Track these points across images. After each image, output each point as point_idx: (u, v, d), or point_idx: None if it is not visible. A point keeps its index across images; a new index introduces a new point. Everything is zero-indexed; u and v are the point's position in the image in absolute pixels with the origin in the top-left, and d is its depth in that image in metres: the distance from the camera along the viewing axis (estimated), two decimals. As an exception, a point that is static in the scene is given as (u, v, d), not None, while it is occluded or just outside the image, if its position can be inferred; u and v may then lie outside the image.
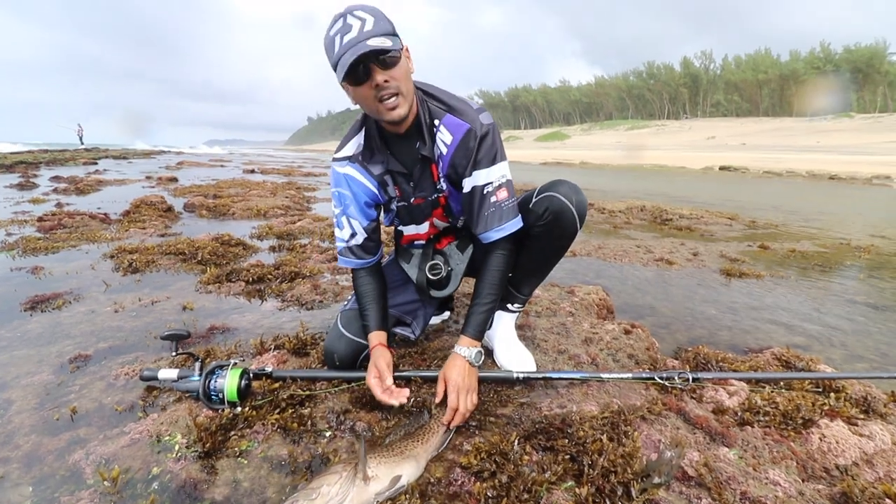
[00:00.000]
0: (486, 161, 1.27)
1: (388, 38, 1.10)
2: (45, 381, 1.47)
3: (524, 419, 1.27)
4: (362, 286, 1.45)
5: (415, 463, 1.04)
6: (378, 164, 1.36)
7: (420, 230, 1.51)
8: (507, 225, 1.31)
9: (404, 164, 1.35)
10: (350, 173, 1.37)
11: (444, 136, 1.28)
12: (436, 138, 1.29)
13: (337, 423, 1.23)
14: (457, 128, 1.26)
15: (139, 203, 4.90)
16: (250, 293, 2.30)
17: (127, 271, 2.65)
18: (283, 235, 3.77)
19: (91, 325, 1.90)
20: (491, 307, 1.33)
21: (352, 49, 1.07)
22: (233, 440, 1.16)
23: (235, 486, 1.03)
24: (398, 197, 1.41)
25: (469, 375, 1.25)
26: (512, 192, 1.32)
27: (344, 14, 1.09)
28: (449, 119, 1.27)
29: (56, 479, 1.06)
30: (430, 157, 1.32)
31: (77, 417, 1.28)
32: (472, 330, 1.31)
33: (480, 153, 1.26)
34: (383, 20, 1.11)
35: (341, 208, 1.41)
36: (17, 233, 3.65)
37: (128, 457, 1.12)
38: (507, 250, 1.34)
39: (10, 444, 1.17)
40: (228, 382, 1.24)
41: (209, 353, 1.61)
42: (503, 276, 1.35)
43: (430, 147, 1.30)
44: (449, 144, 1.28)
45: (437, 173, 1.35)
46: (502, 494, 0.97)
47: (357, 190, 1.37)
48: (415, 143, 1.31)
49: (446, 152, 1.29)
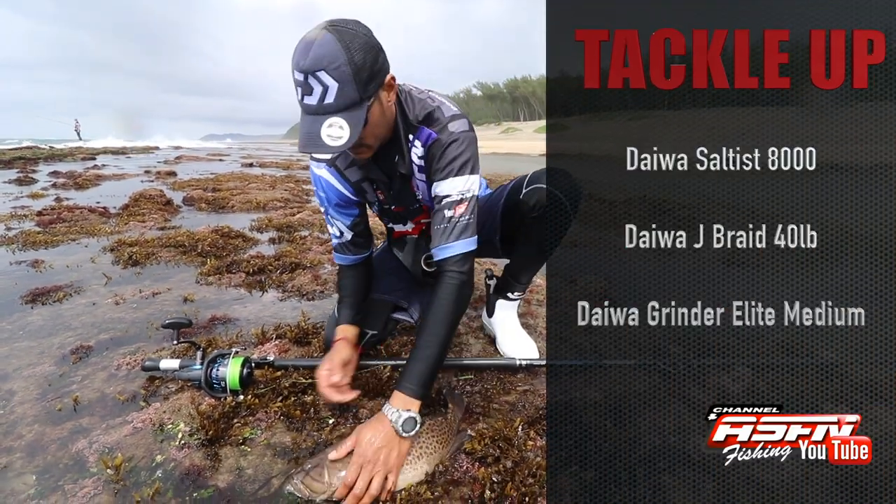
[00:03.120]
0: (446, 172, 1.16)
1: (351, 115, 0.96)
2: (46, 371, 1.47)
3: (527, 406, 1.27)
4: (344, 279, 1.43)
5: (429, 465, 1.03)
6: (356, 171, 1.29)
7: (407, 228, 1.50)
8: (456, 244, 1.15)
9: (386, 173, 1.27)
10: (325, 176, 1.31)
11: (417, 150, 1.21)
12: (411, 154, 1.23)
13: (340, 411, 1.23)
14: (427, 139, 1.19)
15: (138, 197, 4.88)
16: (251, 284, 2.30)
17: (127, 264, 2.64)
18: (282, 227, 3.75)
19: (92, 316, 1.90)
20: (436, 356, 1.07)
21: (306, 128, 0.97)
22: (236, 428, 1.16)
23: (239, 472, 1.03)
24: (381, 200, 1.37)
25: (388, 446, 0.97)
26: (473, 209, 1.18)
27: (305, 71, 0.94)
28: (421, 132, 1.19)
29: (59, 467, 1.06)
30: (406, 174, 1.25)
31: (79, 407, 1.28)
32: (409, 384, 1.04)
33: (441, 162, 1.16)
34: (348, 85, 0.94)
35: (324, 209, 1.38)
36: (16, 227, 3.64)
37: (131, 445, 1.12)
38: (457, 279, 1.13)
39: (13, 434, 1.17)
40: (230, 371, 1.24)
41: (211, 343, 1.60)
42: (450, 315, 1.12)
43: (408, 164, 1.23)
44: (420, 156, 1.22)
45: (413, 187, 1.30)
46: (507, 479, 0.97)
47: (331, 194, 1.33)
48: (394, 157, 1.23)
49: (422, 165, 1.23)
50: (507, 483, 0.96)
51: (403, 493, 0.95)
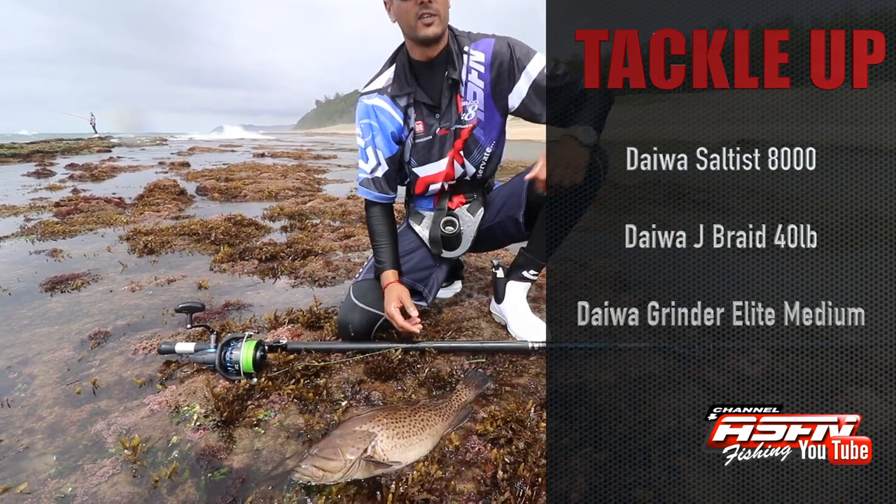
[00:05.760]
0: (528, 55, 1.36)
1: None
2: (66, 356, 1.50)
3: (540, 388, 1.26)
4: (377, 224, 1.49)
5: (432, 439, 1.03)
6: (404, 97, 1.42)
7: (439, 167, 1.50)
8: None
9: (430, 95, 1.42)
10: (378, 104, 1.43)
11: (478, 56, 1.38)
12: (469, 64, 1.39)
13: (352, 393, 1.23)
14: (485, 45, 1.38)
15: (153, 187, 4.93)
16: (263, 271, 2.31)
17: (143, 252, 2.67)
18: (294, 215, 3.77)
19: (109, 303, 1.93)
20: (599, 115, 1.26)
21: None
22: (250, 410, 1.17)
23: (253, 453, 1.04)
24: (421, 132, 1.45)
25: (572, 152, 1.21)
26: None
27: None
28: (476, 43, 1.39)
29: (79, 448, 1.08)
30: (458, 80, 1.39)
31: (98, 390, 1.30)
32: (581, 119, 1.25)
33: (519, 52, 1.36)
34: None
35: (368, 138, 1.46)
36: (35, 218, 3.71)
37: (148, 427, 1.14)
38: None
39: (34, 416, 1.20)
40: (244, 354, 1.24)
41: (224, 328, 1.62)
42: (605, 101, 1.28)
43: (460, 71, 1.38)
44: (484, 61, 1.38)
45: (460, 104, 1.41)
46: (520, 461, 0.97)
47: (384, 120, 1.43)
48: (443, 72, 1.39)
49: (484, 70, 1.38)
50: (519, 464, 0.96)
51: (415, 472, 0.95)
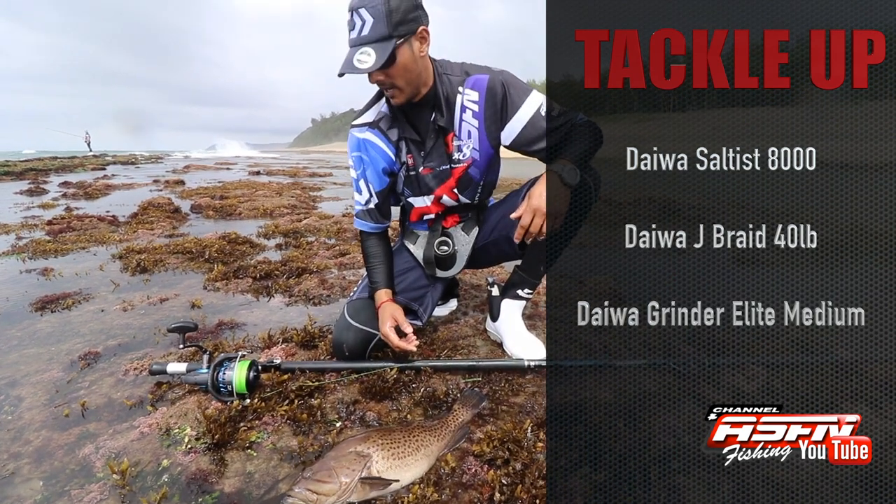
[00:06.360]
0: (523, 94, 1.33)
1: (380, 46, 1.17)
2: (55, 377, 1.47)
3: (537, 407, 1.25)
4: (371, 247, 1.50)
5: (428, 460, 1.02)
6: (395, 130, 1.41)
7: (426, 202, 1.51)
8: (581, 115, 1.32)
9: (418, 132, 1.40)
10: (369, 138, 1.42)
11: (472, 96, 1.35)
12: (463, 103, 1.35)
13: (347, 414, 1.22)
14: (479, 83, 1.34)
15: (147, 205, 4.92)
16: (258, 289, 2.30)
17: (135, 271, 2.65)
18: (289, 233, 3.76)
19: (100, 323, 1.90)
20: (587, 149, 1.27)
21: (346, 57, 1.19)
22: (242, 432, 1.15)
23: (245, 477, 1.02)
24: (412, 166, 1.44)
25: (554, 194, 1.19)
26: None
27: (352, 9, 1.18)
28: (469, 80, 1.35)
29: (66, 473, 1.06)
30: (446, 127, 1.37)
31: (87, 413, 1.28)
32: (569, 155, 1.24)
33: (513, 91, 1.33)
34: (381, 21, 1.16)
35: (360, 171, 1.46)
36: (27, 236, 3.68)
37: (137, 450, 1.11)
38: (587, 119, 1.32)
39: (21, 440, 1.17)
40: (237, 374, 1.23)
41: (218, 347, 1.60)
42: (594, 133, 1.30)
43: (449, 118, 1.36)
44: (478, 101, 1.34)
45: (451, 145, 1.39)
46: (517, 482, 0.95)
47: (374, 154, 1.42)
48: (430, 112, 1.36)
49: (478, 109, 1.35)
50: (517, 486, 0.94)
51: (411, 495, 0.94)
